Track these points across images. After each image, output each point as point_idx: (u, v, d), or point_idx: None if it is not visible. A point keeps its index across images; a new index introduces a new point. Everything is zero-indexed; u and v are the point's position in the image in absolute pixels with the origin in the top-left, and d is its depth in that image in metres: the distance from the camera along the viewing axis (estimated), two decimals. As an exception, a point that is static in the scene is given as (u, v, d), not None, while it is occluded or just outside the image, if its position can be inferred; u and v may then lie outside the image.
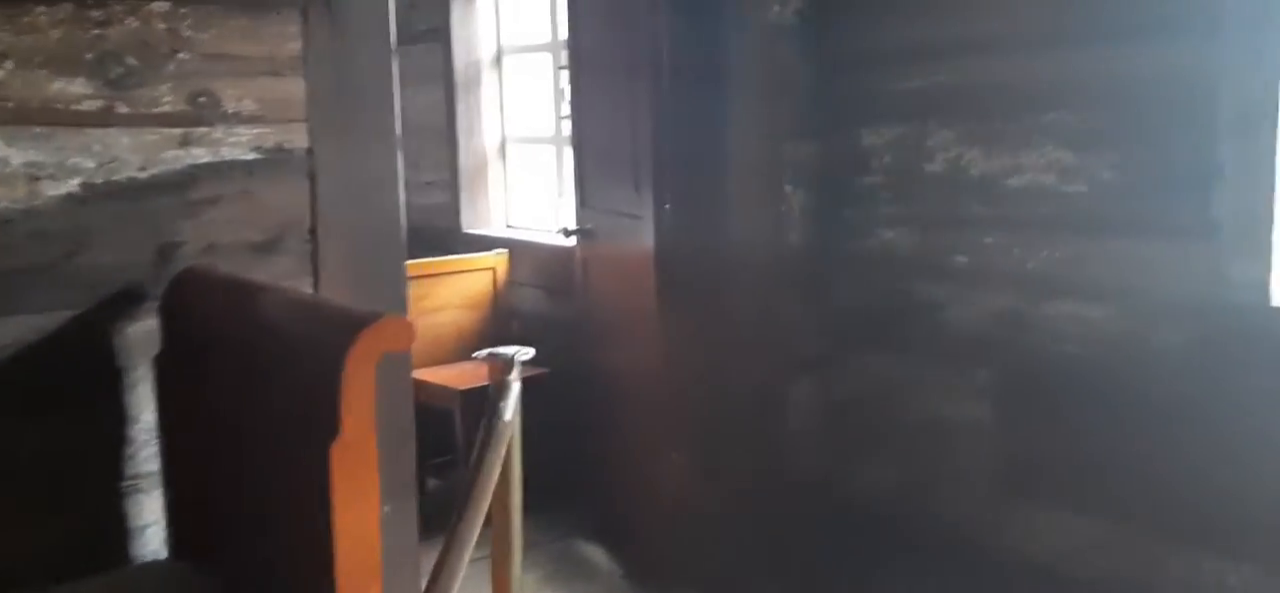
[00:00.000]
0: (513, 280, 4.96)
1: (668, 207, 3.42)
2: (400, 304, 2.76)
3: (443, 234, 5.42)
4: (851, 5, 3.37)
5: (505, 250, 4.91)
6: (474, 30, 5.26)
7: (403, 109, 5.86)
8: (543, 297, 4.87)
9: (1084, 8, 2.80)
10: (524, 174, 5.39)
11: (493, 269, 4.85)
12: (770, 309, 3.46)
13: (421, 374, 4.42)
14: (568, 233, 4.24)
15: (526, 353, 2.43)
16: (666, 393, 3.61)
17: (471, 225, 5.33)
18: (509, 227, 5.40)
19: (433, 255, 5.41)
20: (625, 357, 3.91)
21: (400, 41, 5.65)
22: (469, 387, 4.28)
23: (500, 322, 4.88)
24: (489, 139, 5.34)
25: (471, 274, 4.81)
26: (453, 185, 5.34)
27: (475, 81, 5.28)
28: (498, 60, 5.31)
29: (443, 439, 4.54)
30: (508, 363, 2.34)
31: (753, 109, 3.35)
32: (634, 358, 3.82)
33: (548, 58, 5.04)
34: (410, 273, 4.89)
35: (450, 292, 4.75)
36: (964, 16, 3.09)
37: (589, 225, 4.14)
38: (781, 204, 3.41)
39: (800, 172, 3.43)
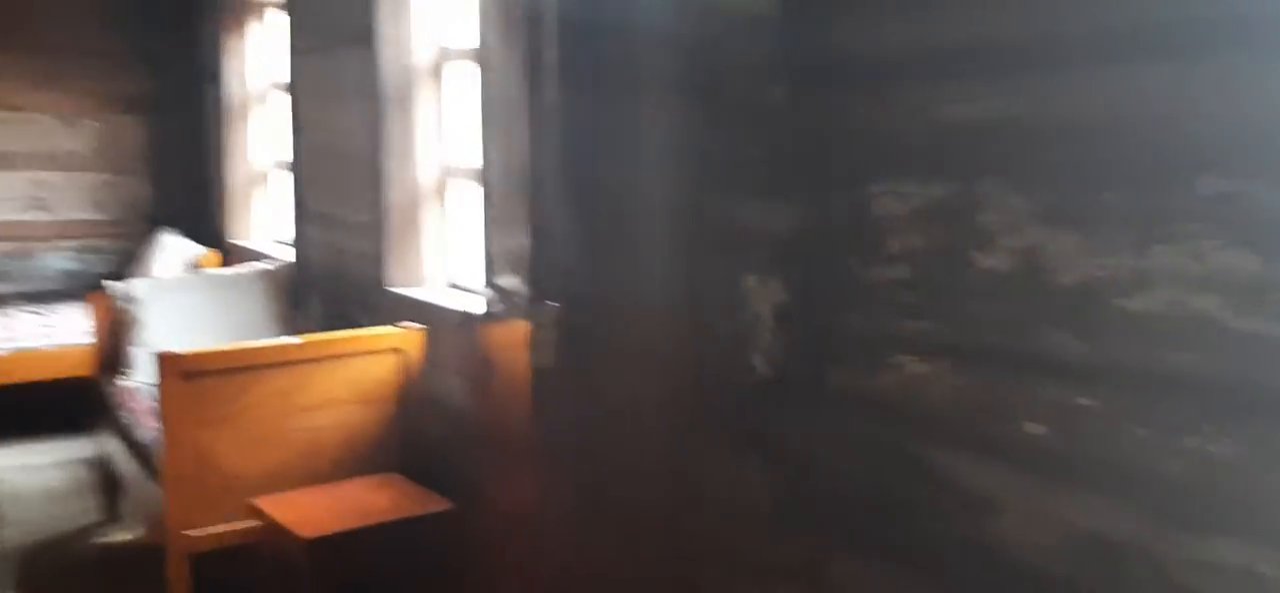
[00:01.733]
0: (435, 365, 3.68)
1: (552, 304, 2.11)
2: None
3: (374, 289, 4.19)
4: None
5: (421, 324, 3.63)
6: (407, 29, 4.01)
7: (332, 128, 4.66)
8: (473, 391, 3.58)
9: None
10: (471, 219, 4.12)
11: (401, 350, 3.58)
12: (708, 474, 2.11)
13: (267, 504, 3.17)
14: (467, 317, 2.96)
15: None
16: (545, 571, 2.29)
17: (399, 283, 4.08)
18: (451, 286, 4.13)
19: (363, 320, 4.19)
20: (516, 499, 2.61)
21: (330, 43, 4.44)
22: (324, 533, 3.00)
23: (410, 424, 3.60)
24: (424, 171, 4.08)
25: (370, 358, 3.54)
26: (379, 230, 4.10)
27: (408, 96, 4.03)
28: (438, 68, 4.06)
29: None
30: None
31: (687, 148, 2.01)
32: (522, 504, 2.52)
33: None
34: (272, 358, 3.65)
35: (338, 380, 3.49)
36: (1052, -4, 1.72)
37: (498, 306, 2.85)
38: (738, 306, 2.06)
39: (770, 252, 2.08)
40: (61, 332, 5.40)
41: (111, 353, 4.43)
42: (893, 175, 1.97)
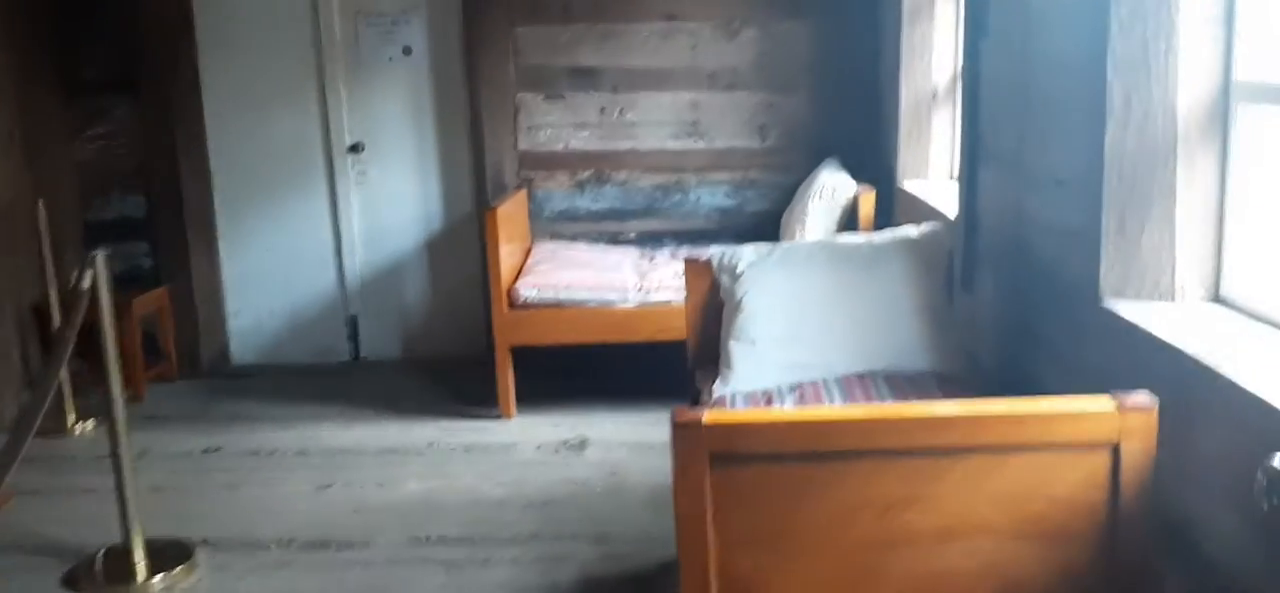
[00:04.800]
0: (1182, 471, 1.89)
1: None
2: None
3: (1074, 298, 2.47)
4: None
5: (1151, 398, 1.84)
6: None
7: (1025, 24, 2.80)
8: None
9: None
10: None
11: (1111, 445, 1.83)
12: None
13: None
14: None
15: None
16: None
17: (1124, 293, 2.30)
18: (1220, 298, 2.25)
19: (1057, 341, 2.59)
20: None
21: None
22: None
23: (1126, 588, 1.86)
24: (1184, 102, 2.22)
25: (1050, 455, 1.85)
26: (1094, 196, 2.34)
27: (1164, -47, 2.18)
28: (1232, -103, 2.14)
29: None
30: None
31: None
32: None
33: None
34: (867, 439, 1.91)
35: (986, 491, 1.86)
36: None
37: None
38: None
39: None
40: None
41: (706, 341, 3.27)
42: None
